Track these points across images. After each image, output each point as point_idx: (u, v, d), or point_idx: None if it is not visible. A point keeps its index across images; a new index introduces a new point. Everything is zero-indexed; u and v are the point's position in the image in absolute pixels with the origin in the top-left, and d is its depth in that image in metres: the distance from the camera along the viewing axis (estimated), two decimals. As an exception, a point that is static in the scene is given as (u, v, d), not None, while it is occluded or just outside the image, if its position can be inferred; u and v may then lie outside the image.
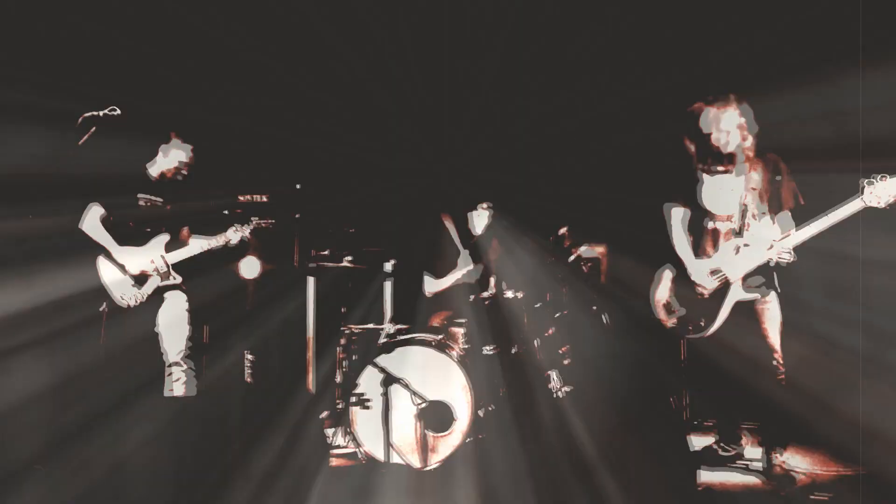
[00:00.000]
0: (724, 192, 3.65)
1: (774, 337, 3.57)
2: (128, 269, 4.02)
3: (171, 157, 4.18)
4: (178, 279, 4.13)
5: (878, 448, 3.54)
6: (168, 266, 4.09)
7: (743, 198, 3.60)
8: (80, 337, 3.92)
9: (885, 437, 3.55)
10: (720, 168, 3.66)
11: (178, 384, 4.01)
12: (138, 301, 4.02)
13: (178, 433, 3.74)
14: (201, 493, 3.41)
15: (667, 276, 3.85)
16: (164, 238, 4.14)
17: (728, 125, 3.58)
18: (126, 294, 4.00)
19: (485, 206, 4.97)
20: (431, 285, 4.87)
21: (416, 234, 5.19)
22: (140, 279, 4.03)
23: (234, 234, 4.19)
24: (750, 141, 3.58)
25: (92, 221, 4.02)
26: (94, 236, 4.01)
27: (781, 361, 3.56)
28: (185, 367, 4.04)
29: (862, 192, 3.21)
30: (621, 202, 4.95)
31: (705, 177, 3.71)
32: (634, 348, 4.63)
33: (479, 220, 4.97)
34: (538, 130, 5.56)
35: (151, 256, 4.07)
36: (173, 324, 4.08)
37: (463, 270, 4.84)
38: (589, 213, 5.18)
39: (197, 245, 4.17)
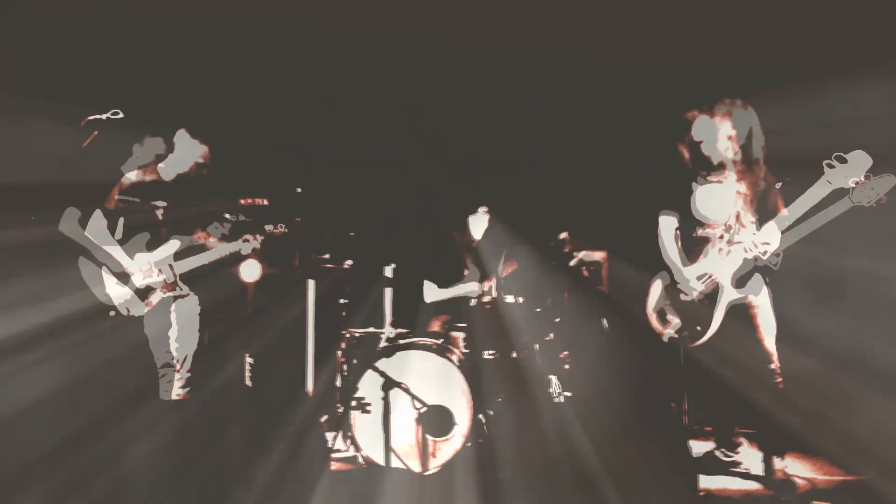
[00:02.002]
0: (715, 201, 3.66)
1: (770, 343, 3.58)
2: (112, 269, 3.95)
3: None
4: (185, 290, 4.07)
5: (879, 454, 3.54)
6: (151, 265, 3.99)
7: (735, 206, 3.61)
8: (82, 342, 3.90)
9: (886, 443, 3.55)
10: (712, 177, 3.68)
11: (171, 386, 3.98)
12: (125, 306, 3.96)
13: (177, 437, 3.73)
14: (201, 497, 3.40)
15: (659, 286, 3.86)
16: (146, 237, 4.05)
17: (719, 134, 3.60)
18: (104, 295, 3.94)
19: (484, 210, 4.94)
20: (432, 294, 4.83)
21: (416, 239, 5.18)
22: (123, 278, 3.98)
23: (245, 246, 4.15)
24: (739, 151, 3.60)
25: (69, 223, 3.95)
26: (75, 238, 3.94)
27: (778, 367, 3.56)
28: (176, 368, 3.99)
29: (825, 174, 3.25)
30: (622, 206, 4.96)
31: (698, 185, 3.72)
32: (634, 353, 4.63)
33: (478, 224, 4.94)
34: (538, 133, 5.56)
35: (139, 263, 3.99)
36: (162, 329, 4.02)
37: (468, 287, 4.68)
38: (590, 218, 5.18)
39: (204, 255, 4.11)
